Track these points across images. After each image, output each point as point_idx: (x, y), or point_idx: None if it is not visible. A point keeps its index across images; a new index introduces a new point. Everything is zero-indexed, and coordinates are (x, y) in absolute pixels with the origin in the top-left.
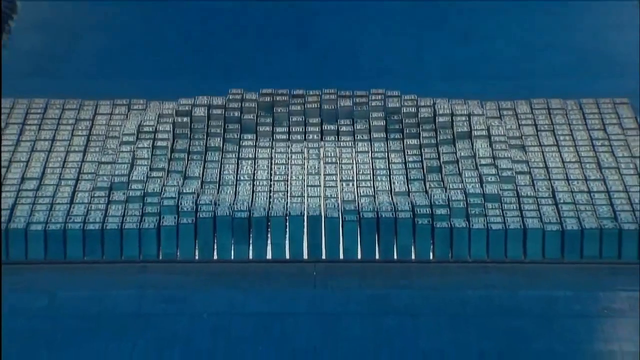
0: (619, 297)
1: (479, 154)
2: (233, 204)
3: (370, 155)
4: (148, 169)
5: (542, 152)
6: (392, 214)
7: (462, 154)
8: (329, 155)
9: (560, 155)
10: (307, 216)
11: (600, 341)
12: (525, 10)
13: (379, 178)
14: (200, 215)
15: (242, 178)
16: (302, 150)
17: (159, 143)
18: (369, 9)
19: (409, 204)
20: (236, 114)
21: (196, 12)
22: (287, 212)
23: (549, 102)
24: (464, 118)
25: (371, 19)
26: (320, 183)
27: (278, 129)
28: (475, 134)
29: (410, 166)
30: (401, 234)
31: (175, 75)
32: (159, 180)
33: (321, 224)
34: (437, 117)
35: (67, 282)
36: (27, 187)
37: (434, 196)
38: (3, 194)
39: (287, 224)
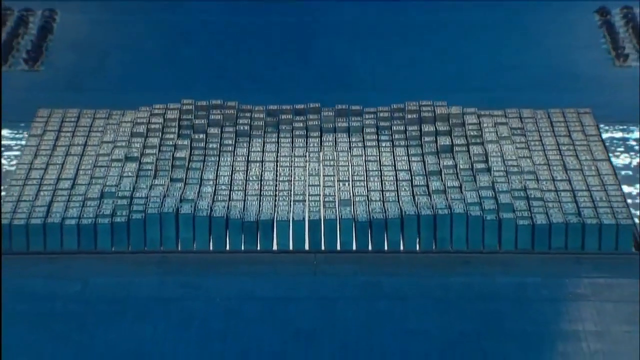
0: (582, 284)
1: (460, 166)
2: (243, 208)
3: (364, 158)
4: (168, 176)
5: (516, 155)
6: (383, 215)
7: (445, 163)
8: (328, 158)
9: (531, 158)
10: (308, 219)
11: (566, 322)
12: (500, 31)
13: (371, 179)
14: (215, 215)
15: (251, 179)
16: (303, 154)
17: (178, 154)
18: (364, 29)
19: (397, 207)
20: (245, 128)
21: (210, 32)
22: (291, 217)
23: (521, 112)
24: (446, 137)
25: (365, 38)
26: (319, 183)
27: (283, 141)
28: (457, 149)
29: (399, 168)
30: (391, 230)
31: (191, 88)
32: (179, 175)
33: (321, 225)
34: (423, 137)
35: (97, 270)
36: (62, 186)
37: (419, 198)
38: (41, 193)
39: (291, 226)
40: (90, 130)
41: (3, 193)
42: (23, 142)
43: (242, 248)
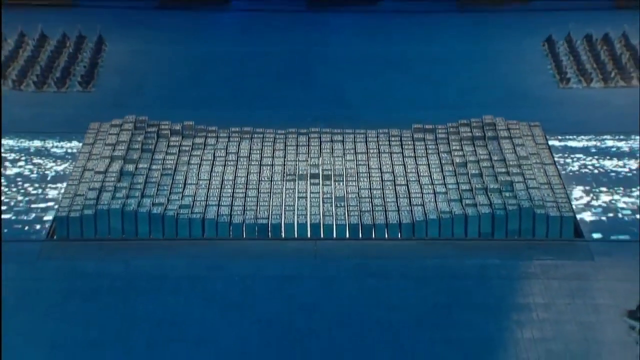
0: (532, 265)
1: (433, 176)
2: (256, 207)
3: (355, 163)
4: (195, 178)
5: (479, 161)
6: (370, 220)
7: (421, 171)
8: (326, 163)
9: (492, 162)
10: (309, 223)
11: (519, 296)
12: (466, 60)
13: (361, 179)
14: (234, 221)
15: (263, 179)
16: (306, 159)
17: (205, 167)
18: (356, 59)
19: (382, 206)
20: (259, 144)
21: (229, 61)
22: (296, 218)
23: (483, 122)
24: (422, 147)
25: (356, 66)
26: (319, 182)
27: (289, 150)
28: (431, 167)
29: (384, 170)
30: (378, 232)
31: (213, 106)
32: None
33: (320, 228)
34: (403, 150)
35: (137, 254)
36: (108, 186)
37: (399, 194)
38: (92, 191)
39: (296, 227)
40: (130, 142)
41: (63, 190)
42: (78, 150)
43: (256, 235)
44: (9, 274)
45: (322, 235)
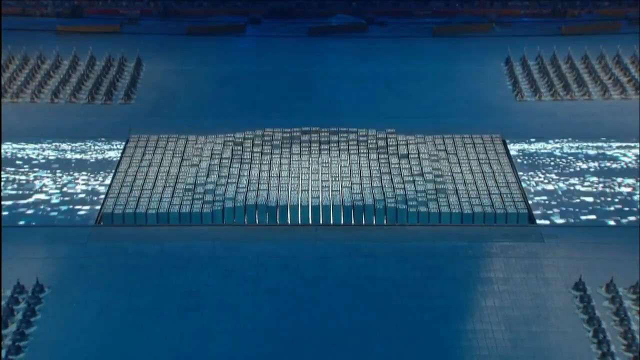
0: (494, 246)
1: (413, 169)
2: (267, 196)
3: (348, 162)
4: (217, 175)
5: (450, 166)
6: (361, 202)
7: (403, 165)
8: (324, 162)
9: (460, 167)
10: (311, 206)
11: (483, 271)
12: (438, 78)
13: (353, 175)
14: (248, 203)
15: (273, 175)
16: (308, 159)
17: (224, 162)
18: (349, 78)
19: (372, 195)
20: (268, 144)
21: (247, 78)
22: (300, 203)
23: (454, 137)
24: (404, 147)
25: (350, 83)
26: (318, 178)
27: (294, 149)
28: (412, 161)
29: (372, 167)
30: (367, 212)
31: (234, 115)
32: (222, 180)
33: (319, 209)
34: (388, 148)
35: (170, 236)
36: (146, 187)
37: (384, 187)
38: (133, 192)
39: (299, 209)
40: (165, 148)
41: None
42: (121, 150)
43: (267, 222)
44: (65, 253)
45: (321, 222)
